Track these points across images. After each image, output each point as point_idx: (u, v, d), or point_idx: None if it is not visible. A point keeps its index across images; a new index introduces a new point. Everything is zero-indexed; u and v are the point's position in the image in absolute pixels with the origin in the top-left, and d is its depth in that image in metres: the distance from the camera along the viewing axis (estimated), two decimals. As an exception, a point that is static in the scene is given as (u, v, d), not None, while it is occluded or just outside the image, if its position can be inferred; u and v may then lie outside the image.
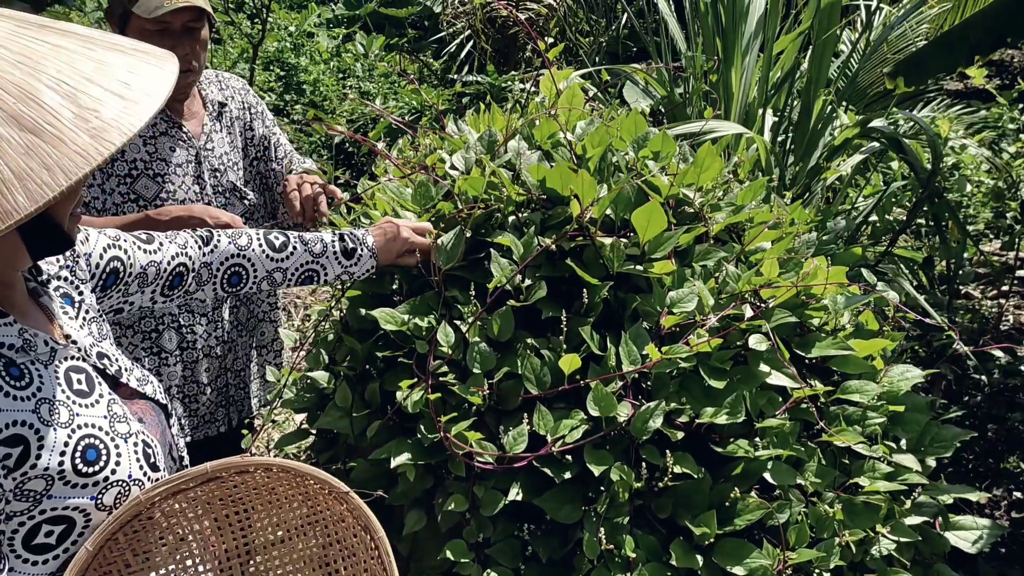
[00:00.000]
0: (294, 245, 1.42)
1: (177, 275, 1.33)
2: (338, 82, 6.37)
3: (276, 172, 2.07)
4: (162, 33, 1.75)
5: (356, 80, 6.47)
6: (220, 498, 1.09)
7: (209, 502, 1.09)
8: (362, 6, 8.03)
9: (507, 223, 1.45)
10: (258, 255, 1.40)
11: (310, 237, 1.44)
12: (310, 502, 1.11)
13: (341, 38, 7.47)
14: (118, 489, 1.02)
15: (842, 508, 1.35)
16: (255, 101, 2.06)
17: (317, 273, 1.44)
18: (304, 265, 1.42)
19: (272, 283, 1.42)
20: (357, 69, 6.60)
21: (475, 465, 1.26)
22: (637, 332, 1.34)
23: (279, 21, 7.21)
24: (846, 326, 1.55)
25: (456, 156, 1.57)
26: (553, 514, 1.27)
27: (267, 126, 2.08)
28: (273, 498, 1.12)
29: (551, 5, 4.86)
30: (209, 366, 1.94)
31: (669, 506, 1.29)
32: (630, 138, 1.61)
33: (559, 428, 1.26)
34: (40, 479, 0.94)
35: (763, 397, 1.37)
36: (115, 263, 1.24)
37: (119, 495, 1.02)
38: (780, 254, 1.47)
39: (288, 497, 1.11)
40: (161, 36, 1.75)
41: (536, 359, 1.32)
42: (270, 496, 1.11)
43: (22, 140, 0.81)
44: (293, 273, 1.42)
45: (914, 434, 1.51)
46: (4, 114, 0.81)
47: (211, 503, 1.10)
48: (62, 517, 0.98)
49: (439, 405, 1.30)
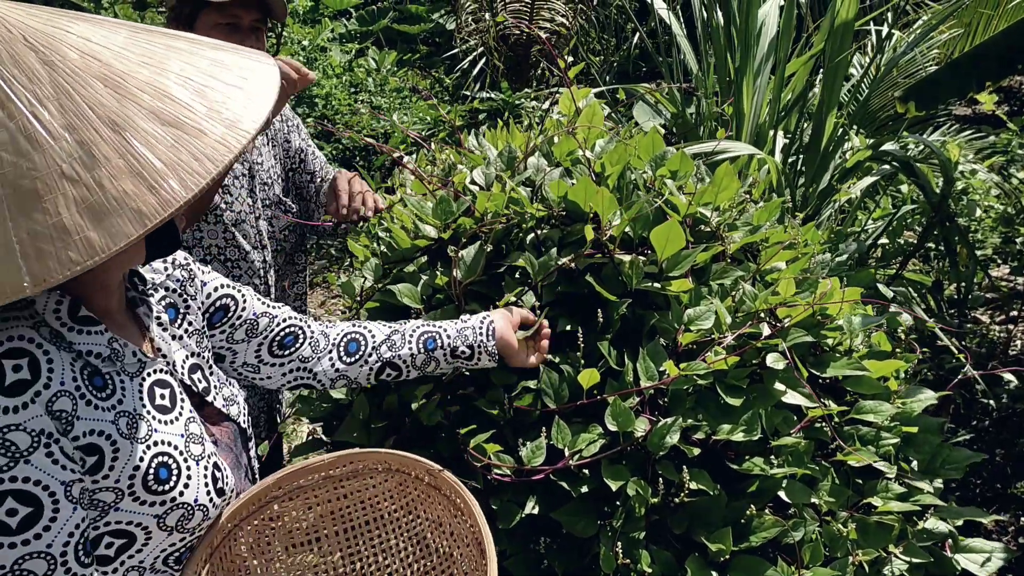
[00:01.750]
0: (409, 341, 1.33)
1: (289, 334, 1.29)
2: (350, 96, 6.41)
3: (309, 182, 2.09)
4: (231, 28, 1.78)
5: (368, 95, 6.52)
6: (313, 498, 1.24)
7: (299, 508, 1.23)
8: (375, 22, 8.09)
9: (526, 240, 1.47)
10: (373, 330, 1.34)
11: (426, 332, 1.34)
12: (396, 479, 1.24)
13: (354, 53, 7.53)
14: (183, 511, 1.02)
15: (856, 527, 1.36)
16: (291, 114, 2.10)
17: (433, 364, 1.33)
18: (418, 356, 1.33)
19: (392, 347, 1.33)
20: (369, 84, 6.65)
21: (493, 478, 1.27)
22: (655, 348, 1.35)
23: (293, 35, 7.27)
24: (860, 347, 1.57)
25: (476, 172, 1.59)
26: (570, 528, 1.28)
27: (303, 138, 2.11)
28: (363, 484, 1.24)
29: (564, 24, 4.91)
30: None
31: (685, 522, 1.30)
32: (648, 157, 1.63)
33: (577, 442, 1.27)
34: (110, 491, 0.96)
35: (779, 416, 1.38)
36: (227, 300, 1.24)
37: (183, 517, 1.02)
38: (796, 274, 1.49)
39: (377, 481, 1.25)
40: (230, 32, 1.78)
41: (555, 373, 1.33)
42: (359, 483, 1.24)
43: (167, 134, 0.85)
44: (410, 352, 1.33)
45: (926, 456, 1.52)
46: (145, 111, 0.85)
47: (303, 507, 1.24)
48: (124, 531, 0.99)
49: (458, 417, 1.31)
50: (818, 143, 2.98)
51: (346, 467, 1.22)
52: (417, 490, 1.23)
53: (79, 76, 0.84)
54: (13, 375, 0.88)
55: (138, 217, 0.81)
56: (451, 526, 1.21)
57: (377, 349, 1.30)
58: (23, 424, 0.87)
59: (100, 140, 0.83)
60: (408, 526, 1.27)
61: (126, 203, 0.81)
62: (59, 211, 0.80)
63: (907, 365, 1.57)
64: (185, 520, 1.03)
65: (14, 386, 0.88)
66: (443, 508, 1.20)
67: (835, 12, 2.96)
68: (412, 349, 1.30)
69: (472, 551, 1.17)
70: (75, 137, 0.82)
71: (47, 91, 0.83)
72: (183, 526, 1.03)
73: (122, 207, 0.81)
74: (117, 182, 0.82)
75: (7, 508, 0.86)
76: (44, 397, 0.89)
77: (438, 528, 1.24)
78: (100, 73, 0.86)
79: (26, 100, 0.82)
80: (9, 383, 0.88)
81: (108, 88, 0.86)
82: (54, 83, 0.83)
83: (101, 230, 0.80)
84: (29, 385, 0.89)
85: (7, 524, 0.86)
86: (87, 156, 0.82)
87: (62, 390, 0.92)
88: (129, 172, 0.82)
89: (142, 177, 0.83)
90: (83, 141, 0.82)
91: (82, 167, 0.82)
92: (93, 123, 0.83)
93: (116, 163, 0.82)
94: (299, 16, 8.34)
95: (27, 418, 0.88)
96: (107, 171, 0.82)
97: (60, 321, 0.96)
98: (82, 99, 0.84)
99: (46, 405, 0.89)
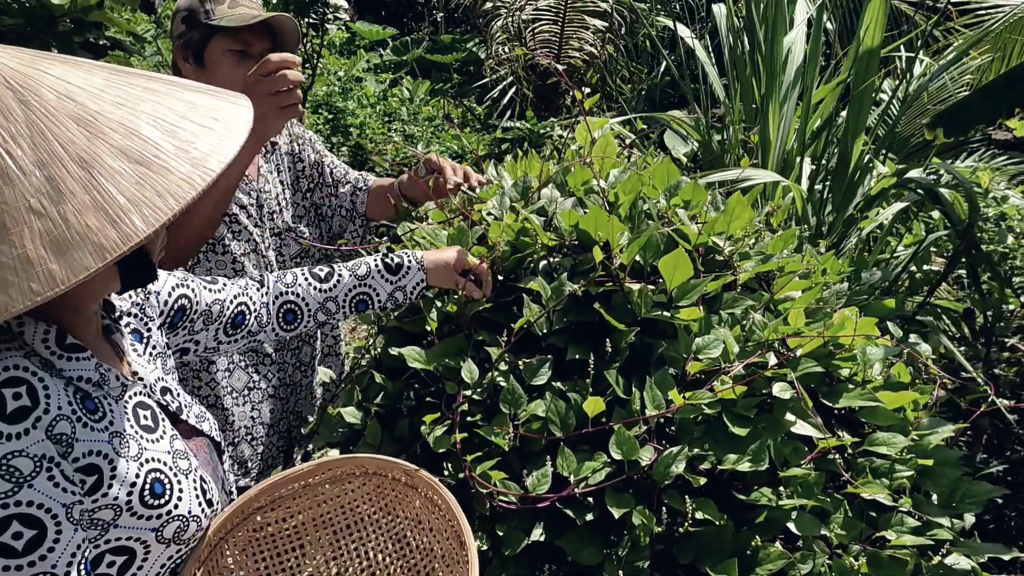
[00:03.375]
0: (339, 273, 1.47)
1: (239, 314, 1.39)
2: (383, 125, 6.52)
3: (332, 194, 2.08)
4: (241, 56, 1.80)
5: (401, 124, 6.62)
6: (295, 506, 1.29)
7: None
8: (410, 52, 8.23)
9: (538, 268, 1.48)
10: (306, 289, 1.45)
11: (354, 262, 1.49)
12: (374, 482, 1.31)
13: (388, 83, 7.67)
14: (178, 523, 1.07)
15: (867, 561, 1.34)
16: (300, 131, 2.08)
17: (369, 296, 1.47)
18: (353, 290, 1.47)
19: (328, 314, 1.47)
20: (402, 113, 6.76)
21: (498, 504, 1.28)
22: (662, 377, 1.36)
23: (329, 66, 7.43)
24: (877, 377, 1.55)
25: (491, 201, 1.62)
26: (574, 555, 1.28)
27: (318, 151, 2.08)
28: (342, 489, 1.31)
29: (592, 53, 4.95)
30: (274, 408, 1.98)
31: (691, 552, 1.29)
32: (663, 186, 1.65)
33: (581, 470, 1.28)
34: (109, 508, 0.99)
35: (788, 447, 1.37)
36: (183, 300, 1.30)
37: (179, 529, 1.07)
38: (808, 303, 1.48)
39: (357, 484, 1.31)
40: (240, 60, 1.80)
41: (562, 402, 1.34)
42: (338, 488, 1.30)
43: (133, 171, 0.89)
44: (344, 300, 1.47)
45: (944, 488, 1.50)
46: (114, 149, 0.88)
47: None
48: (125, 548, 1.03)
49: (466, 444, 1.33)
50: (844, 170, 2.96)
51: (324, 474, 1.27)
52: (395, 491, 1.29)
53: (53, 115, 0.88)
54: (14, 403, 0.92)
55: (98, 251, 0.84)
56: (430, 522, 1.27)
57: (314, 316, 1.45)
58: (25, 450, 0.91)
59: (68, 176, 0.87)
60: (388, 526, 1.33)
61: (88, 237, 0.85)
62: (24, 244, 0.84)
63: (925, 398, 1.55)
64: (181, 532, 1.07)
65: (15, 413, 0.91)
66: (421, 506, 1.26)
67: (860, 39, 2.96)
68: (345, 311, 1.47)
69: (452, 544, 1.22)
70: (44, 173, 0.86)
71: (21, 128, 0.87)
72: (179, 537, 1.07)
73: (84, 241, 0.85)
74: (81, 217, 0.85)
75: (13, 532, 0.89)
76: (44, 422, 0.93)
77: (417, 526, 1.29)
78: (74, 113, 0.90)
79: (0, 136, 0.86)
80: (11, 411, 0.91)
81: (80, 127, 0.89)
82: (28, 121, 0.88)
83: (63, 263, 0.84)
84: (30, 412, 0.93)
85: (13, 547, 0.89)
86: (54, 191, 0.86)
87: (60, 414, 0.95)
88: (94, 207, 0.86)
89: (105, 212, 0.86)
90: (51, 177, 0.86)
91: (49, 202, 0.85)
92: (63, 160, 0.87)
93: (82, 198, 0.86)
94: (335, 47, 8.52)
95: (29, 444, 0.91)
96: (72, 206, 0.86)
97: (49, 350, 1.00)
98: (54, 137, 0.87)
99: (46, 430, 0.93)
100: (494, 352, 1.39)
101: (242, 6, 1.76)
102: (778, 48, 3.31)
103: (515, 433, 1.33)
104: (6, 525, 0.88)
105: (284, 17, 1.77)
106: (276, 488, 1.24)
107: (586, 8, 4.92)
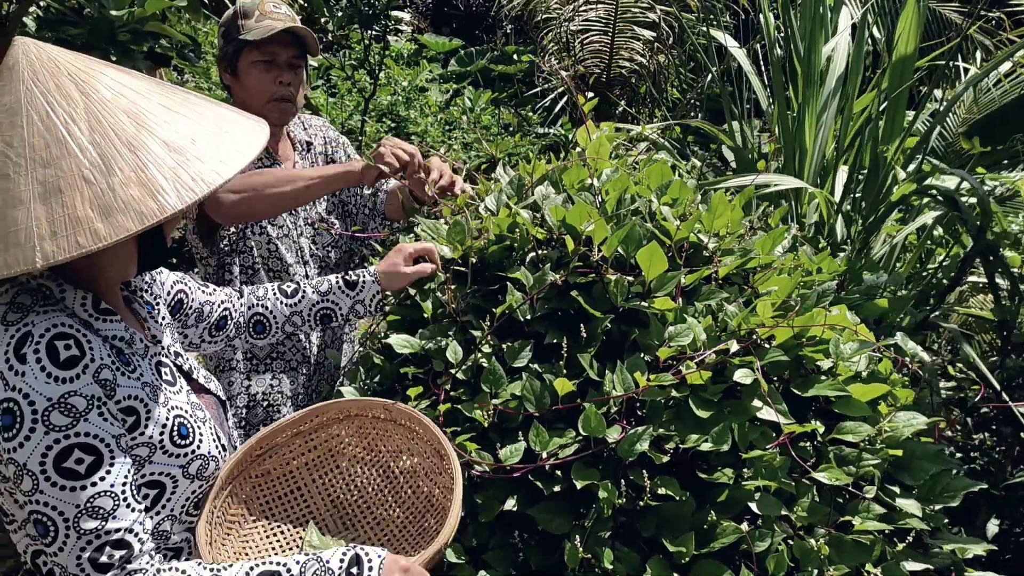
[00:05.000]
0: (303, 289, 1.62)
1: (223, 318, 1.57)
2: (443, 133, 6.71)
3: (357, 196, 2.25)
4: (269, 64, 2.01)
5: (461, 132, 6.80)
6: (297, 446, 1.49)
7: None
8: (474, 62, 8.42)
9: (526, 259, 1.59)
10: (274, 303, 1.62)
11: (317, 280, 1.65)
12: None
13: (451, 93, 7.88)
14: (200, 462, 1.26)
15: (829, 543, 1.40)
16: (335, 135, 2.29)
17: (331, 311, 1.64)
18: (316, 305, 1.63)
19: (294, 326, 1.63)
20: (463, 121, 6.95)
21: (474, 474, 1.39)
22: (635, 362, 1.44)
23: (395, 76, 7.68)
24: (861, 372, 1.60)
25: (489, 198, 1.73)
26: (544, 525, 1.38)
27: (348, 155, 2.28)
28: (329, 435, 1.51)
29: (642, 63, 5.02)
30: (294, 381, 2.15)
31: (653, 526, 1.37)
32: (656, 185, 1.73)
33: (551, 444, 1.38)
34: (145, 447, 1.18)
35: (756, 432, 1.44)
36: (180, 295, 1.48)
37: (201, 466, 1.26)
38: (782, 297, 1.55)
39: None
40: (267, 68, 2.01)
41: (537, 382, 1.44)
42: (325, 434, 1.51)
43: (172, 159, 1.09)
44: (309, 314, 1.63)
45: (920, 481, 1.54)
46: (157, 139, 1.10)
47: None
48: (157, 482, 1.21)
49: (450, 420, 1.44)
50: (875, 178, 2.97)
51: (313, 421, 1.46)
52: (375, 429, 1.50)
53: (107, 106, 1.08)
54: (65, 352, 1.10)
55: (139, 217, 1.03)
56: (410, 449, 1.46)
57: (282, 327, 1.60)
58: (79, 391, 1.09)
59: (118, 155, 1.06)
60: (372, 461, 1.51)
61: (131, 206, 1.03)
62: (75, 205, 1.02)
63: (908, 392, 1.59)
64: (203, 469, 1.26)
65: (67, 361, 1.09)
66: (400, 437, 1.48)
67: (895, 47, 2.97)
68: (310, 324, 1.63)
69: (433, 461, 1.41)
70: (97, 151, 1.05)
71: (81, 113, 1.06)
72: (201, 474, 1.26)
73: (127, 208, 1.03)
74: (126, 189, 1.04)
75: (75, 457, 1.08)
76: (91, 369, 1.11)
77: (398, 455, 1.48)
78: (125, 107, 1.09)
79: (62, 118, 1.05)
80: (63, 359, 1.09)
81: (130, 118, 1.09)
82: (87, 108, 1.07)
83: (107, 223, 1.02)
84: (79, 360, 1.10)
85: (77, 471, 1.08)
86: (105, 166, 1.04)
87: (103, 364, 1.13)
88: (137, 183, 1.05)
89: (146, 187, 1.05)
90: (103, 154, 1.05)
91: (100, 174, 1.04)
92: (114, 142, 1.06)
93: (128, 174, 1.05)
94: (403, 58, 8.78)
95: (81, 386, 1.09)
96: (119, 179, 1.04)
97: (87, 312, 1.18)
98: (107, 123, 1.06)
99: (93, 375, 1.11)
100: (479, 336, 1.50)
101: (268, 19, 1.94)
102: (816, 56, 3.33)
103: (494, 410, 1.44)
104: (69, 452, 1.07)
105: (301, 28, 1.95)
106: (272, 437, 1.42)
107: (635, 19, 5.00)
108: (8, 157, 1.03)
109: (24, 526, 1.18)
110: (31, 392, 1.06)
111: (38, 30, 2.28)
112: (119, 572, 1.10)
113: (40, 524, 1.08)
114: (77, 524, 1.07)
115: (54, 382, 1.08)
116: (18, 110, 1.05)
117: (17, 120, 1.04)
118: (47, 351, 1.08)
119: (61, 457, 1.07)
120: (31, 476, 1.07)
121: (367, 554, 1.17)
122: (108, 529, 1.09)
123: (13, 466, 1.08)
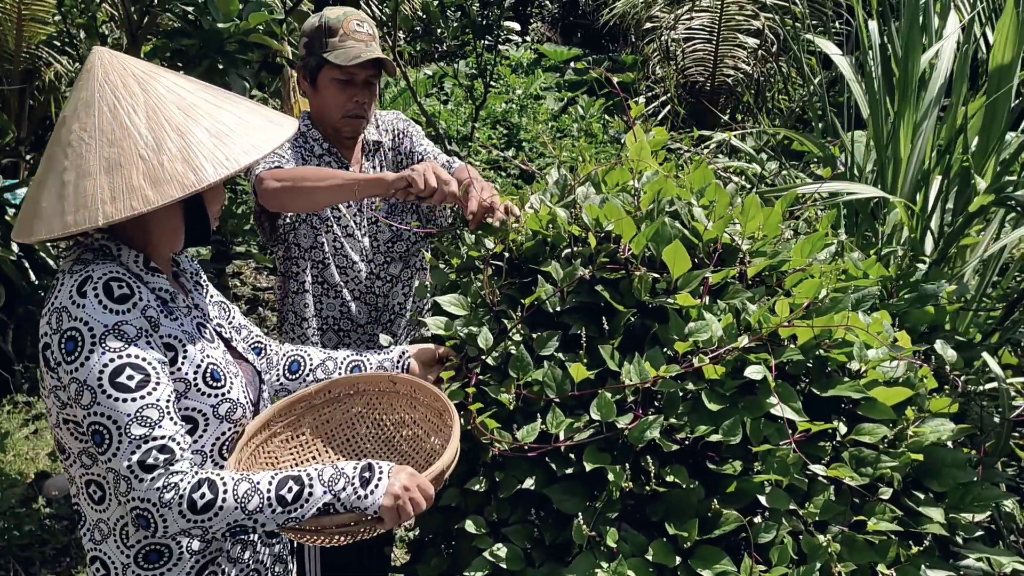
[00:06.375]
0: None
1: (257, 346, 1.70)
2: (552, 140, 6.83)
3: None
4: (347, 83, 2.16)
5: (571, 140, 6.90)
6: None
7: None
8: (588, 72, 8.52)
9: (560, 255, 1.68)
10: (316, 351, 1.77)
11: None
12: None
13: (566, 101, 8.00)
14: (229, 405, 1.44)
15: (840, 541, 1.42)
16: (405, 126, 2.38)
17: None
18: (348, 358, 1.74)
19: (325, 372, 1.75)
20: (573, 129, 7.05)
21: (494, 452, 1.49)
22: (654, 354, 1.51)
23: (510, 84, 7.87)
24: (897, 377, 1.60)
25: (534, 197, 1.83)
26: (559, 504, 1.47)
27: (416, 142, 2.35)
28: (338, 409, 1.70)
29: (746, 71, 4.98)
30: (359, 310, 2.29)
31: (660, 511, 1.44)
32: (697, 188, 1.79)
33: (567, 427, 1.46)
34: (181, 382, 1.38)
35: (771, 427, 1.47)
36: (258, 345, 1.71)
37: (229, 409, 1.44)
38: (808, 298, 1.57)
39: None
40: (345, 85, 2.16)
41: (559, 369, 1.53)
42: (335, 409, 1.69)
43: (212, 143, 1.33)
44: (343, 361, 1.73)
45: (949, 488, 1.52)
46: (201, 127, 1.33)
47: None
48: (191, 417, 1.40)
49: (477, 400, 1.55)
50: (964, 189, 2.87)
51: (326, 396, 1.64)
52: (381, 403, 1.64)
53: (162, 100, 1.32)
54: (118, 290, 1.32)
55: (181, 187, 1.27)
56: (413, 418, 1.62)
57: (314, 371, 1.70)
58: (130, 321, 1.31)
59: (167, 138, 1.30)
60: (377, 436, 1.67)
61: (175, 178, 1.28)
62: (131, 177, 1.27)
63: (945, 400, 1.58)
64: (231, 412, 1.44)
65: (120, 298, 1.32)
66: (403, 407, 1.65)
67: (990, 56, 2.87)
68: (341, 373, 1.70)
69: (435, 421, 1.57)
70: (152, 135, 1.29)
71: (139, 105, 1.31)
72: (230, 417, 1.44)
73: (172, 179, 1.28)
74: (172, 164, 1.28)
75: (127, 374, 1.29)
76: (139, 306, 1.33)
77: (403, 427, 1.66)
78: (177, 102, 1.34)
79: (126, 109, 1.29)
80: (117, 295, 1.32)
81: (180, 110, 1.33)
82: (145, 101, 1.32)
83: (156, 191, 1.26)
84: (129, 298, 1.33)
85: (128, 384, 1.28)
86: (157, 147, 1.29)
87: (149, 304, 1.35)
88: (182, 160, 1.29)
89: (189, 164, 1.29)
90: (156, 138, 1.29)
91: (152, 153, 1.28)
92: (165, 128, 1.30)
93: (175, 153, 1.29)
94: (522, 67, 8.97)
95: (132, 318, 1.32)
96: (167, 157, 1.28)
97: (138, 267, 1.40)
98: (162, 114, 1.31)
99: (141, 311, 1.33)
100: (511, 325, 1.60)
101: (351, 39, 2.10)
102: (913, 63, 3.24)
103: (518, 393, 1.54)
104: (121, 370, 1.28)
105: (383, 58, 2.10)
106: (292, 408, 1.61)
107: (739, 27, 4.96)
108: (83, 139, 1.29)
109: (80, 457, 1.39)
110: (90, 320, 1.28)
111: (159, 40, 2.55)
112: (163, 471, 1.27)
113: (97, 434, 1.28)
114: (128, 430, 1.26)
115: (109, 313, 1.29)
116: (92, 103, 1.31)
117: (91, 111, 1.30)
118: (104, 289, 1.31)
119: (115, 373, 1.27)
120: (90, 390, 1.27)
121: (377, 463, 1.36)
122: (154, 436, 1.27)
123: (75, 384, 1.28)
